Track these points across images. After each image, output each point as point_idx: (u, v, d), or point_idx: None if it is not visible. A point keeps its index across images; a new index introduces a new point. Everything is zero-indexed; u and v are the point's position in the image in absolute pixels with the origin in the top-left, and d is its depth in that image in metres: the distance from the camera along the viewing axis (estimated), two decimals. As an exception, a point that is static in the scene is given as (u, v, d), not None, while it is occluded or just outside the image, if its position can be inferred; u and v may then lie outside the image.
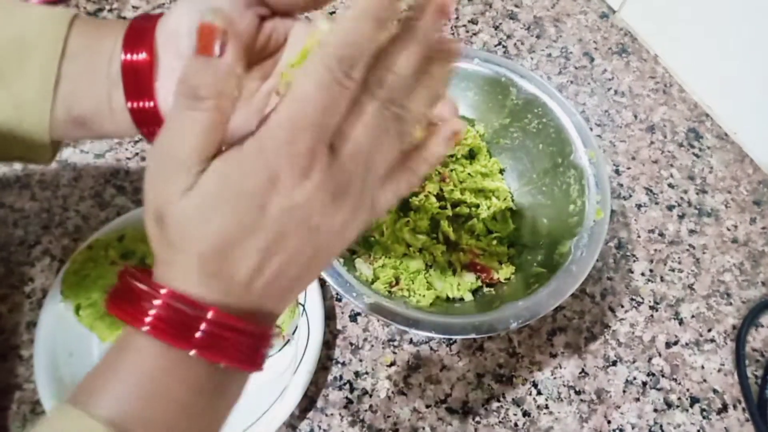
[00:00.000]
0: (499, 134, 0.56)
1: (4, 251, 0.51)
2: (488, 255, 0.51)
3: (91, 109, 0.28)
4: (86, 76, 0.28)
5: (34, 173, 0.55)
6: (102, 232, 0.49)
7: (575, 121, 0.50)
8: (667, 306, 0.53)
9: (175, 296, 0.20)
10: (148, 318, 0.20)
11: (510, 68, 0.52)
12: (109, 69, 0.28)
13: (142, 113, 0.28)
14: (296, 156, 0.20)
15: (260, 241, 0.21)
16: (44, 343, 0.44)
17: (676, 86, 0.67)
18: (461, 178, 0.54)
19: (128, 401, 0.20)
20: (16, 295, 0.49)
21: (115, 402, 0.20)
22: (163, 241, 0.21)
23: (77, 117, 0.29)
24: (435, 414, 0.47)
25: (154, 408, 0.21)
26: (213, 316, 0.21)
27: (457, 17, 0.70)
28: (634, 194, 0.59)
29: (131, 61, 0.28)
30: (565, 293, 0.42)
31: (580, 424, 0.47)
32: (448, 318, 0.41)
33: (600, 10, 0.72)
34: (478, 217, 0.52)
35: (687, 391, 0.49)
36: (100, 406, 0.20)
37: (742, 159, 0.62)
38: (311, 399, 0.47)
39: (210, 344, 0.20)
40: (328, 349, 0.49)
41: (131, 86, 0.28)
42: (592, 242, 0.44)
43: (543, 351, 0.50)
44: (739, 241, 0.57)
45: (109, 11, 0.67)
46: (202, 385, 0.21)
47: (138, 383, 0.20)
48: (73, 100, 0.28)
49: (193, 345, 0.20)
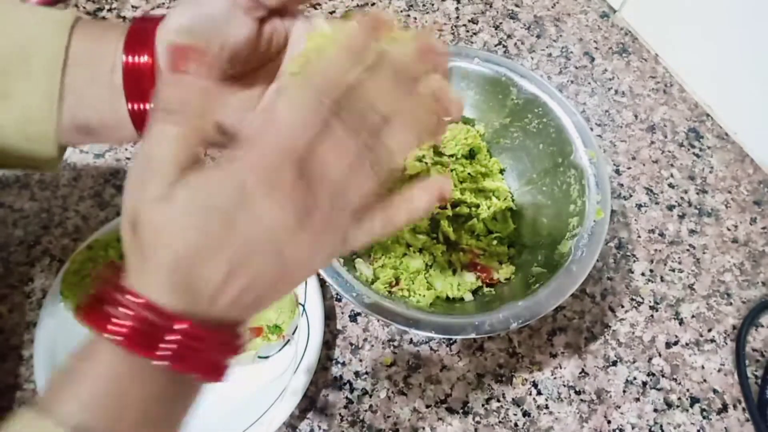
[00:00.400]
0: (499, 134, 0.56)
1: (4, 251, 0.51)
2: (488, 255, 0.51)
3: (96, 117, 0.29)
4: (90, 85, 0.28)
5: (33, 173, 0.55)
6: (102, 232, 0.49)
7: (575, 120, 0.50)
8: (667, 306, 0.53)
9: (145, 306, 0.21)
10: (116, 326, 0.20)
11: (510, 68, 0.52)
12: (112, 77, 0.28)
13: (144, 115, 0.29)
14: (265, 176, 0.21)
15: (226, 257, 0.21)
16: (44, 343, 0.44)
17: (677, 86, 0.67)
18: (461, 178, 0.54)
19: (93, 409, 0.20)
20: (15, 295, 0.49)
21: (79, 409, 0.20)
22: (135, 247, 0.21)
23: (83, 126, 0.29)
24: (435, 414, 0.47)
25: (119, 415, 0.21)
26: (180, 327, 0.21)
27: (457, 17, 0.70)
28: (635, 194, 0.59)
29: (133, 63, 0.28)
30: (565, 293, 0.42)
31: (580, 424, 0.47)
32: (448, 318, 0.41)
33: (600, 10, 0.72)
34: (478, 217, 0.52)
35: (687, 391, 0.49)
36: (66, 412, 0.20)
37: (742, 159, 0.62)
38: (311, 399, 0.47)
39: (176, 355, 0.21)
40: (328, 349, 0.49)
41: (132, 89, 0.28)
42: (592, 242, 0.44)
43: (543, 351, 0.50)
44: (739, 241, 0.57)
45: (108, 11, 0.67)
46: (164, 392, 0.22)
47: (104, 391, 0.21)
48: (77, 109, 0.28)
49: (159, 355, 0.20)
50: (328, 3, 0.70)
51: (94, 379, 0.21)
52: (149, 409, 0.21)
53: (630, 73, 0.67)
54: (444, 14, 0.70)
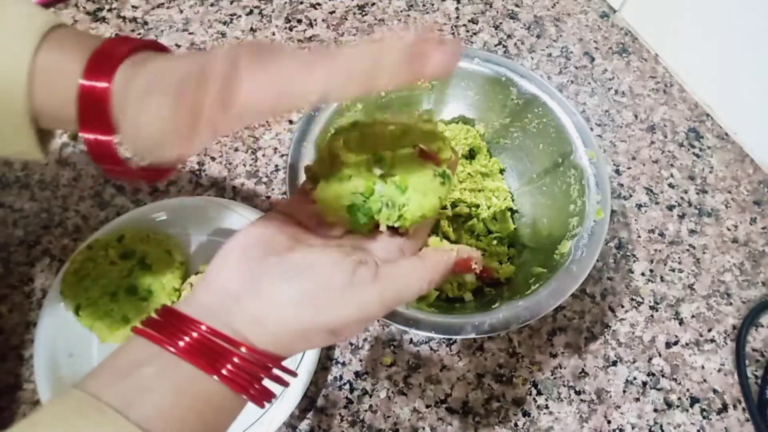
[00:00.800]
0: (499, 134, 0.56)
1: (4, 251, 0.51)
2: (488, 255, 0.51)
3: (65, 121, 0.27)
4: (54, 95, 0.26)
5: (33, 173, 0.55)
6: (102, 232, 0.49)
7: (575, 120, 0.50)
8: (667, 306, 0.53)
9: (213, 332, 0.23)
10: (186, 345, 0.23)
11: (510, 68, 0.52)
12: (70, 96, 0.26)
13: (98, 146, 0.27)
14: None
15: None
16: (44, 343, 0.44)
17: (677, 86, 0.67)
18: (461, 178, 0.54)
19: (164, 414, 0.22)
20: (16, 295, 0.49)
21: (155, 412, 0.21)
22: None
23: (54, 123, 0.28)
24: (435, 414, 0.47)
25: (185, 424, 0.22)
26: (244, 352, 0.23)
27: (457, 17, 0.70)
28: (635, 194, 0.59)
29: (90, 87, 0.26)
30: (565, 293, 0.42)
31: (580, 424, 0.47)
32: (448, 318, 0.41)
33: (600, 10, 0.72)
34: (478, 217, 0.52)
35: (687, 391, 0.49)
36: (139, 413, 0.21)
37: (742, 159, 0.62)
38: (311, 399, 0.47)
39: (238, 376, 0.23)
40: (328, 349, 0.49)
41: (87, 114, 0.26)
42: (592, 242, 0.44)
43: (543, 351, 0.50)
44: (739, 241, 0.57)
45: (108, 11, 0.67)
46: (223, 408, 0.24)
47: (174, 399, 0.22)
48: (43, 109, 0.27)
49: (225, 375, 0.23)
50: (328, 3, 0.70)
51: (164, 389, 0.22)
52: (207, 423, 0.23)
53: (630, 73, 0.67)
54: (444, 14, 0.70)
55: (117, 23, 0.66)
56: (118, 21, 0.66)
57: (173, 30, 0.66)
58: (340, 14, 0.69)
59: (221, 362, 0.23)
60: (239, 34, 0.66)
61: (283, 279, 0.24)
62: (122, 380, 0.22)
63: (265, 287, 0.24)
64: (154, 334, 0.23)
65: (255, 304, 0.24)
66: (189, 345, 0.23)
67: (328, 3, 0.70)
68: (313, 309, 0.24)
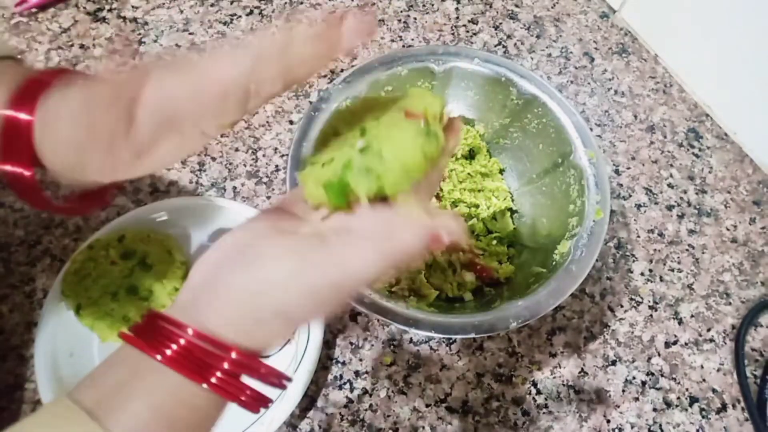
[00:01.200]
0: (499, 134, 0.56)
1: (5, 251, 0.51)
2: (488, 255, 0.51)
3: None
4: None
5: (34, 173, 0.55)
6: (102, 232, 0.49)
7: (575, 121, 0.50)
8: (666, 306, 0.53)
9: (199, 335, 0.23)
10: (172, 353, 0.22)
11: (510, 68, 0.52)
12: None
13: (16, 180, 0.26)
14: None
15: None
16: (44, 343, 0.44)
17: (676, 86, 0.67)
18: (461, 178, 0.54)
19: (145, 423, 0.22)
20: (16, 295, 0.49)
21: (133, 422, 0.21)
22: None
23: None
24: (435, 413, 0.47)
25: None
26: (233, 356, 0.23)
27: (457, 17, 0.70)
28: (634, 194, 0.59)
29: (13, 118, 0.25)
30: (565, 293, 0.42)
31: (579, 424, 0.47)
32: (448, 318, 0.42)
33: (600, 10, 0.72)
34: (478, 217, 0.52)
35: (686, 391, 0.49)
36: (119, 422, 0.21)
37: (741, 159, 0.62)
38: (311, 398, 0.47)
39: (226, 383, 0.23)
40: (328, 348, 0.49)
41: (7, 146, 0.25)
42: (591, 242, 0.44)
43: (543, 351, 0.50)
44: (738, 241, 0.57)
45: (108, 11, 0.67)
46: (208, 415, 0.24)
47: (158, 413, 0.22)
48: None
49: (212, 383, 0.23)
50: (328, 3, 0.70)
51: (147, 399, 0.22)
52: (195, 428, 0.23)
53: (630, 73, 0.67)
54: (444, 14, 0.70)
55: (117, 23, 0.66)
56: (118, 21, 0.66)
57: (173, 30, 0.66)
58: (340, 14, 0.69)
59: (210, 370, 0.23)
60: (239, 35, 0.66)
61: (240, 267, 0.24)
62: (106, 389, 0.22)
63: (221, 277, 0.24)
64: (139, 341, 0.23)
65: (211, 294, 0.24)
66: (175, 353, 0.22)
67: (328, 3, 0.70)
68: (260, 295, 0.24)
